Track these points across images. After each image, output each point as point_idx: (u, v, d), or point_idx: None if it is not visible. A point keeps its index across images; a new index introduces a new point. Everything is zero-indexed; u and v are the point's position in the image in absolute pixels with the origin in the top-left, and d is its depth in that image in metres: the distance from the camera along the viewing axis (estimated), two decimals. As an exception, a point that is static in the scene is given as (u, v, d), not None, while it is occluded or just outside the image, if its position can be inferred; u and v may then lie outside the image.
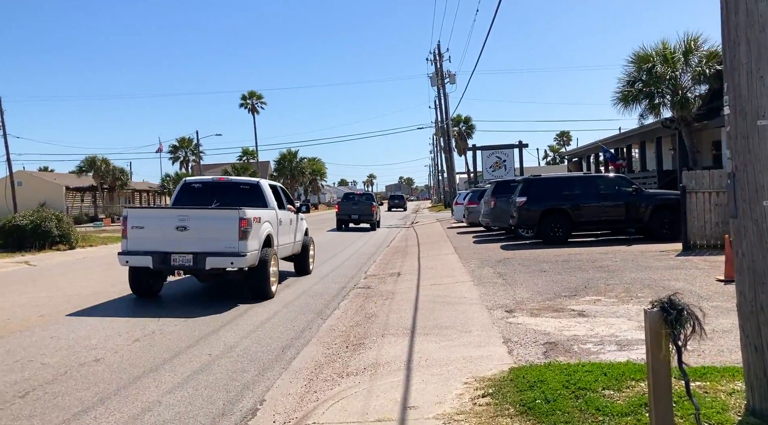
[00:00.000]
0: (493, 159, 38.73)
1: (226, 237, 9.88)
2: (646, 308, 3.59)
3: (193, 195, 12.13)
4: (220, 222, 10.04)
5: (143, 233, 10.29)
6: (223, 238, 9.89)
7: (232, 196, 11.98)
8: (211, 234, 9.97)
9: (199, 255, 9.86)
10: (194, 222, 10.09)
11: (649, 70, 19.90)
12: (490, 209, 20.31)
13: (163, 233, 10.15)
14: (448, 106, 44.15)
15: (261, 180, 13.16)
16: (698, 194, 14.70)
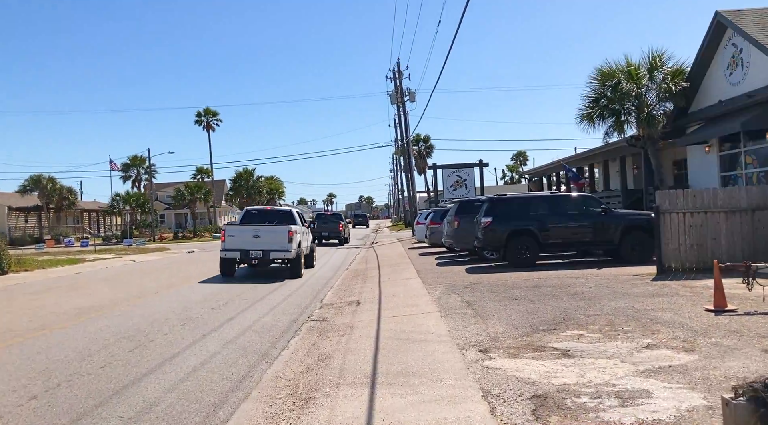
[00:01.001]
0: (453, 178, 38.00)
1: (281, 241, 17.17)
2: (727, 396, 2.50)
3: (252, 217, 19.99)
4: (278, 233, 17.29)
5: (233, 239, 17.36)
6: (279, 242, 17.16)
7: (276, 217, 19.43)
8: (272, 240, 17.15)
9: (266, 252, 17.14)
10: (263, 233, 17.29)
11: (614, 86, 19.38)
12: (453, 230, 19.36)
13: (245, 239, 17.24)
14: (408, 124, 43.42)
15: (292, 208, 21.47)
16: (672, 215, 14.01)
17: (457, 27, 17.67)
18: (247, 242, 17.14)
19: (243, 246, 17.16)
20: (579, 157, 28.29)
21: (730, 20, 16.84)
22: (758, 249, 13.83)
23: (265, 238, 17.15)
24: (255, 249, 17.08)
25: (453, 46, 20.95)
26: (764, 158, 16.43)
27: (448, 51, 22.38)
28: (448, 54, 20.85)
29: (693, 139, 19.04)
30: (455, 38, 18.73)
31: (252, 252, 17.09)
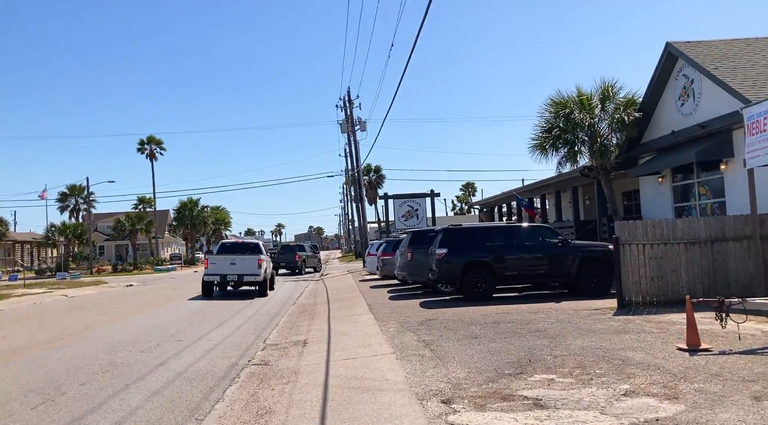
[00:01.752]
0: (405, 208, 37.44)
1: (253, 267, 21.34)
2: None
3: (227, 248, 23.57)
4: (250, 261, 21.53)
5: (214, 266, 21.45)
6: (251, 268, 21.31)
7: (247, 248, 23.25)
8: (246, 266, 21.33)
9: (240, 276, 21.33)
10: (238, 261, 21.49)
11: (567, 116, 19.17)
12: (406, 261, 18.58)
13: (223, 266, 21.39)
14: (358, 153, 42.83)
15: (259, 241, 25.36)
16: (631, 246, 13.59)
17: (407, 60, 17.28)
18: (226, 268, 21.61)
19: (222, 272, 21.63)
20: (531, 187, 28.13)
21: (681, 51, 16.86)
22: (718, 281, 13.52)
23: (239, 265, 21.68)
24: (232, 273, 21.57)
25: (403, 79, 20.79)
26: (718, 189, 16.34)
27: (398, 84, 21.94)
28: (398, 87, 20.60)
29: (646, 170, 18.93)
30: (405, 72, 18.28)
31: (229, 276, 21.62)
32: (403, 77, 19.92)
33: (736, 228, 13.65)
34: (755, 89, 14.38)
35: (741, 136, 15.15)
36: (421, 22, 12.11)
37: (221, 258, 21.97)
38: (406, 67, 17.44)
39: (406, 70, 17.51)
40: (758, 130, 12.85)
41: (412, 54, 17.53)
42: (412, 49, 17.22)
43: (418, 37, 14.88)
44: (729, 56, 16.39)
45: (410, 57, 17.28)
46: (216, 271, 21.47)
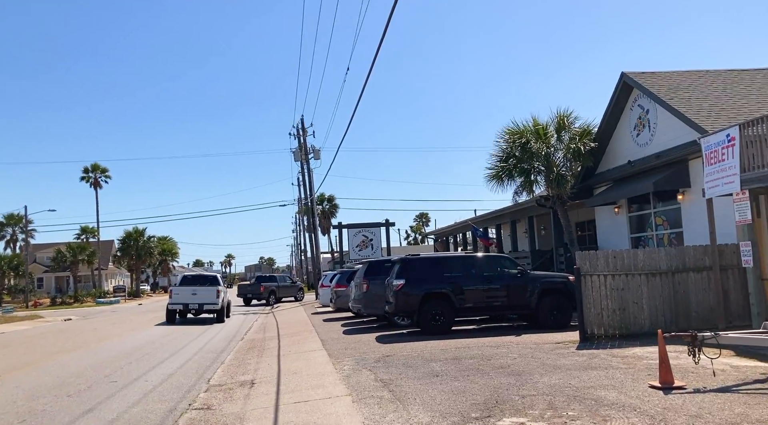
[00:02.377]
0: (359, 238, 36.81)
1: (212, 297, 23.90)
2: None
3: (188, 280, 25.49)
4: (209, 291, 24.09)
5: (177, 296, 24.31)
6: (210, 297, 23.89)
7: (206, 280, 25.45)
8: (206, 296, 23.91)
9: (201, 304, 24.01)
10: (199, 291, 24.07)
11: (523, 145, 19.00)
12: (362, 293, 17.86)
13: (186, 296, 24.16)
14: (312, 182, 42.08)
15: (216, 274, 28.80)
16: (593, 277, 13.25)
17: (360, 92, 16.82)
18: (188, 297, 24.31)
19: (184, 301, 24.34)
20: (486, 217, 27.92)
21: (636, 81, 16.92)
22: (679, 313, 13.28)
23: (200, 295, 24.27)
24: (193, 302, 24.29)
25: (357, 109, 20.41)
26: (675, 219, 16.28)
27: (352, 114, 21.65)
28: (352, 117, 20.14)
29: (602, 200, 18.85)
30: (358, 104, 18.00)
31: (191, 305, 24.35)
32: (357, 108, 19.52)
33: (696, 259, 13.48)
34: (711, 120, 14.43)
35: (697, 166, 15.16)
36: (376, 52, 11.66)
37: (184, 289, 24.81)
38: (359, 100, 17.04)
39: (359, 103, 17.09)
40: (716, 159, 12.79)
41: (365, 85, 17.10)
42: (365, 81, 16.77)
43: (372, 68, 14.45)
44: (683, 87, 16.53)
45: (363, 88, 16.84)
46: (179, 301, 24.58)
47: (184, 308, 24.40)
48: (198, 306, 24.16)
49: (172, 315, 24.56)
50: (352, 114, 22.06)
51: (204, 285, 24.63)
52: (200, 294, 24.13)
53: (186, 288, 24.53)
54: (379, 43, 12.94)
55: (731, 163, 12.25)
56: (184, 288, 24.62)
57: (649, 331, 13.12)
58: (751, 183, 11.72)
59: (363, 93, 15.65)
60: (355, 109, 17.35)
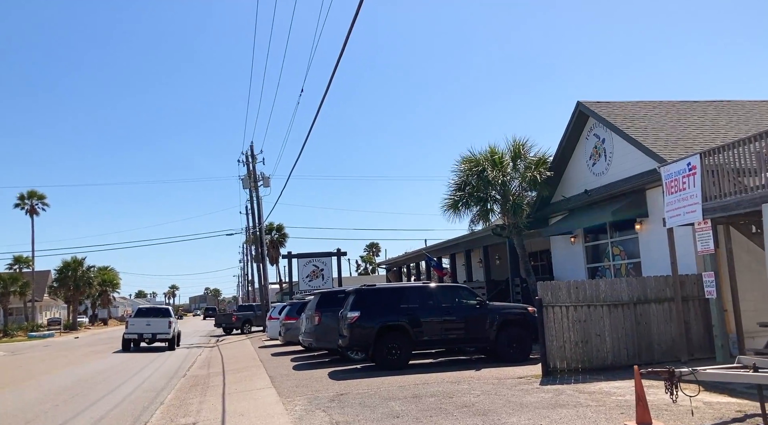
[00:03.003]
0: (310, 268, 35.80)
1: (164, 327, 26.74)
2: None
3: (143, 312, 28.53)
4: (162, 322, 26.93)
5: (133, 327, 27.03)
6: (163, 327, 26.70)
7: (159, 312, 28.56)
8: (159, 326, 26.67)
9: (154, 334, 26.71)
10: (152, 322, 26.89)
11: (480, 173, 18.69)
12: (313, 326, 16.99)
13: (141, 326, 26.90)
14: (261, 210, 40.98)
15: (169, 307, 31.84)
16: (555, 308, 12.82)
17: (314, 117, 16.27)
18: (143, 328, 27.12)
19: (139, 331, 27.10)
20: (440, 246, 27.51)
21: (592, 110, 16.88)
22: (642, 345, 12.94)
23: (153, 325, 27.11)
24: (147, 332, 27.07)
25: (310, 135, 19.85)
26: (632, 249, 16.13)
27: (304, 140, 21.03)
28: (305, 142, 19.66)
29: (559, 230, 18.64)
30: (312, 127, 17.39)
31: (145, 334, 27.10)
32: (309, 135, 18.92)
33: (658, 290, 13.24)
34: (668, 149, 14.39)
35: (655, 196, 15.08)
36: (329, 82, 11.11)
37: (138, 320, 27.78)
38: (311, 127, 16.40)
39: (311, 130, 16.47)
40: (677, 188, 12.66)
41: (318, 112, 16.55)
42: (318, 108, 16.20)
43: (325, 95, 13.90)
44: (638, 117, 16.55)
45: (316, 115, 16.28)
46: (134, 330, 27.31)
47: (138, 337, 27.19)
48: (152, 335, 27.13)
49: (128, 344, 27.44)
50: (304, 141, 21.52)
51: (157, 317, 27.74)
52: (154, 324, 27.16)
53: (141, 320, 27.63)
54: (333, 70, 12.41)
55: (692, 192, 12.12)
56: (140, 319, 27.70)
57: (612, 365, 12.74)
58: (713, 212, 11.57)
59: (315, 120, 15.09)
60: (307, 136, 16.72)
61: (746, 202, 10.78)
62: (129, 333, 27.26)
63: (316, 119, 15.03)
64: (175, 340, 28.38)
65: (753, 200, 10.61)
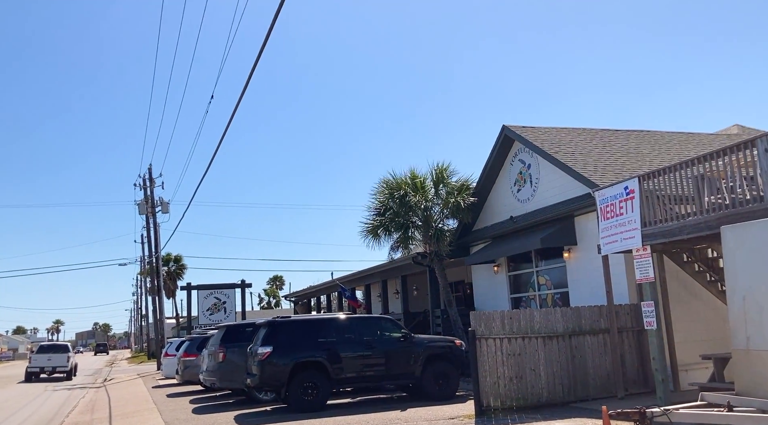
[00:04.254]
0: (211, 300, 33.40)
1: (63, 361, 31.57)
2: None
3: (45, 348, 33.15)
4: (61, 356, 31.77)
5: (36, 361, 31.79)
6: (62, 361, 31.51)
7: (59, 348, 33.25)
8: (58, 360, 31.51)
9: (54, 367, 31.46)
10: (53, 357, 31.67)
11: (401, 198, 17.70)
12: (217, 363, 15.14)
13: (42, 361, 31.60)
14: (158, 238, 38.20)
15: (68, 344, 36.58)
16: (488, 341, 11.83)
17: (219, 140, 14.91)
18: (44, 362, 31.19)
19: (41, 364, 31.22)
20: (355, 277, 26.20)
21: (519, 134, 16.37)
22: (577, 381, 12.16)
23: (53, 360, 31.18)
24: (48, 366, 31.15)
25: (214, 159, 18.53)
26: (559, 279, 15.54)
27: (207, 165, 19.43)
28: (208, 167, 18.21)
29: (482, 258, 17.88)
30: (217, 150, 16.06)
31: (46, 367, 31.11)
32: (214, 159, 17.28)
33: (592, 321, 12.55)
34: (598, 174, 13.98)
35: (584, 223, 14.59)
36: (235, 107, 9.80)
37: (41, 355, 31.90)
38: (216, 150, 14.99)
39: (216, 154, 14.98)
40: (613, 213, 12.11)
41: (225, 134, 15.17)
42: (225, 131, 14.87)
43: (232, 118, 12.56)
44: (565, 142, 16.20)
45: (222, 137, 14.91)
46: (37, 364, 31.44)
47: (40, 370, 31.42)
48: (52, 368, 31.43)
49: (30, 376, 31.45)
50: (208, 166, 19.78)
51: (57, 353, 32.07)
52: (54, 359, 31.42)
53: (43, 355, 31.92)
54: (244, 88, 11.12)
55: (631, 217, 11.59)
56: (41, 354, 32.07)
57: (547, 402, 11.85)
58: (653, 238, 11.05)
59: (222, 143, 13.74)
60: (211, 161, 15.35)
61: (690, 227, 10.30)
62: (32, 366, 31.70)
63: (221, 144, 13.58)
64: (73, 371, 33.10)
65: (696, 225, 10.13)
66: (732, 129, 19.69)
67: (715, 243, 12.02)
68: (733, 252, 7.97)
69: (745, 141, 9.38)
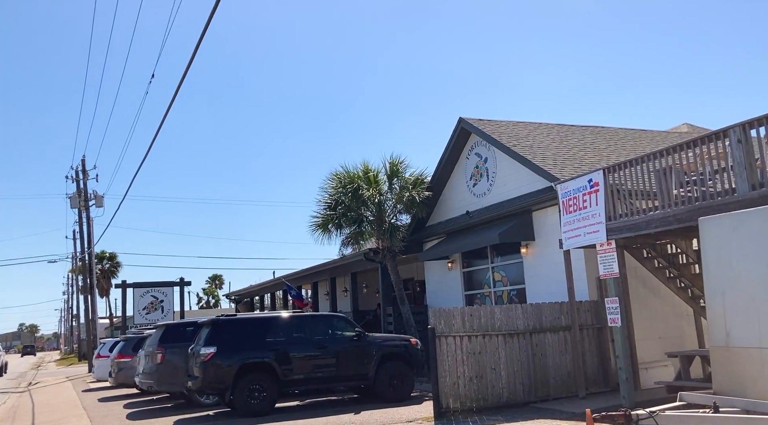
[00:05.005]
0: (148, 298, 31.75)
1: None
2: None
3: None
4: None
5: None
6: None
7: None
8: None
9: None
10: None
11: (354, 191, 16.98)
12: (155, 365, 14.06)
13: None
14: (92, 234, 36.19)
15: None
16: (449, 339, 11.27)
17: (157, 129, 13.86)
18: None
19: None
20: (301, 274, 25.26)
21: (476, 127, 15.91)
22: (538, 380, 11.74)
23: None
24: None
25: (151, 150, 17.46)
26: (516, 275, 15.15)
27: (144, 156, 18.10)
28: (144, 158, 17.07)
29: (436, 254, 17.34)
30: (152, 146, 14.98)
31: None
32: (150, 149, 16.14)
33: (553, 318, 12.17)
34: (558, 168, 13.64)
35: (542, 218, 14.24)
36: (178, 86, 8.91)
37: None
38: (153, 140, 13.89)
39: (153, 143, 13.92)
40: (576, 207, 11.73)
41: (163, 123, 14.09)
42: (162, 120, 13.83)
43: (170, 106, 11.58)
44: (522, 136, 15.83)
45: (160, 126, 13.84)
46: None
47: None
48: None
49: None
50: (144, 157, 18.51)
51: None
52: None
53: None
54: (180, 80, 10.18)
55: (595, 211, 11.23)
56: None
57: (507, 402, 11.38)
58: (618, 232, 10.71)
59: (159, 133, 12.73)
60: (148, 150, 14.28)
61: (657, 220, 9.99)
62: None
63: (158, 134, 12.57)
64: (3, 369, 33.93)
65: (665, 219, 9.82)
66: (682, 127, 19.84)
67: (679, 238, 11.88)
68: (712, 245, 7.62)
69: (716, 131, 9.09)
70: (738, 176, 8.71)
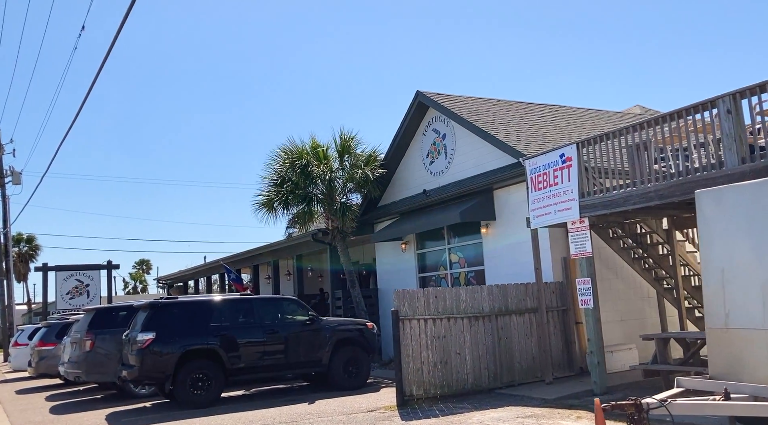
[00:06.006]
0: (72, 283, 29.64)
1: None
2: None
3: None
4: None
5: None
6: None
7: None
8: None
9: None
10: None
11: (303, 167, 15.95)
12: (83, 353, 12.68)
13: None
14: (8, 213, 33.62)
15: None
16: (412, 322, 10.52)
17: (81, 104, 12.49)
18: None
19: None
20: (241, 257, 23.99)
21: (435, 101, 15.14)
22: (503, 365, 11.17)
23: None
24: None
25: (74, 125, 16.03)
26: (474, 256, 14.52)
27: (66, 131, 16.27)
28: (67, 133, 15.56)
29: (390, 235, 16.53)
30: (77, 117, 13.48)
31: None
32: (73, 125, 14.58)
33: (518, 300, 11.61)
34: (522, 144, 13.05)
35: (504, 196, 13.64)
36: None
37: None
38: (76, 116, 12.46)
39: (77, 118, 12.48)
40: (546, 183, 11.16)
41: (88, 95, 12.62)
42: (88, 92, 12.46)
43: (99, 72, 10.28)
44: (483, 111, 15.18)
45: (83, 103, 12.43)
46: None
47: None
48: None
49: None
50: (67, 131, 16.92)
51: None
52: None
53: None
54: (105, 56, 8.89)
55: (567, 187, 10.67)
56: None
57: (472, 389, 10.75)
58: (593, 209, 10.18)
59: (85, 102, 11.38)
60: (71, 125, 12.76)
61: (636, 196, 9.50)
62: None
63: (84, 104, 11.18)
64: None
65: (645, 195, 9.34)
66: (635, 109, 19.74)
67: (652, 217, 11.52)
68: (710, 220, 7.10)
69: (703, 102, 8.63)
70: (727, 149, 8.27)
